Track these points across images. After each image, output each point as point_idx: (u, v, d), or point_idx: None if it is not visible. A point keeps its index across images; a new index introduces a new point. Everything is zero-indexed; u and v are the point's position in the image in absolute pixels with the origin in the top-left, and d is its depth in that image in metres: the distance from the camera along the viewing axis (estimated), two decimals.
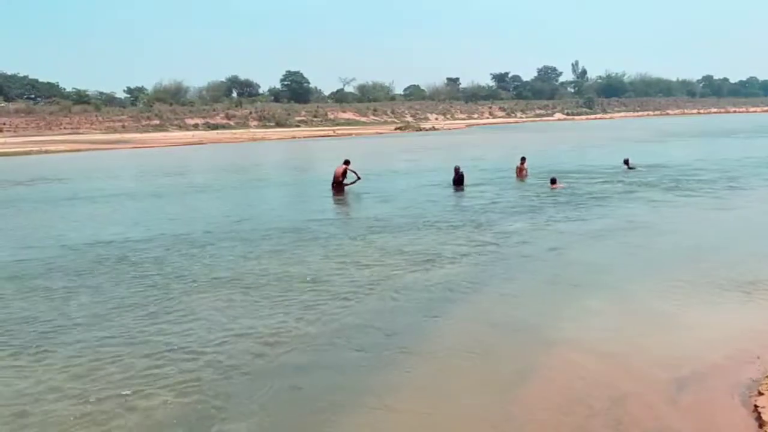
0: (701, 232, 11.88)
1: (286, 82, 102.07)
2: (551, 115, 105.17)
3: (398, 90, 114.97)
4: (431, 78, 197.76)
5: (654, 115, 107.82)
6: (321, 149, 43.34)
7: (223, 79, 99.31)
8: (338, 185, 17.61)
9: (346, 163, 18.11)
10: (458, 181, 18.20)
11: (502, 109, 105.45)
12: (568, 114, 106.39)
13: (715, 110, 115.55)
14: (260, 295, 8.27)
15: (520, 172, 19.63)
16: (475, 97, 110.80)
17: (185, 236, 12.24)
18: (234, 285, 8.74)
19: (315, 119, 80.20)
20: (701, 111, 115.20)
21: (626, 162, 21.08)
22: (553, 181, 17.51)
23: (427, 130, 69.57)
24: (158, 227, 13.34)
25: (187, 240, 11.89)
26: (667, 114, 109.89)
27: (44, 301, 8.22)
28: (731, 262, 9.33)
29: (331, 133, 63.17)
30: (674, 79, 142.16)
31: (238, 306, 7.81)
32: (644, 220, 13.17)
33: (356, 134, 62.23)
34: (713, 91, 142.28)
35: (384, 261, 9.98)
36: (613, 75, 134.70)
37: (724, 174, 20.54)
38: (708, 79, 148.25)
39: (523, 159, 19.96)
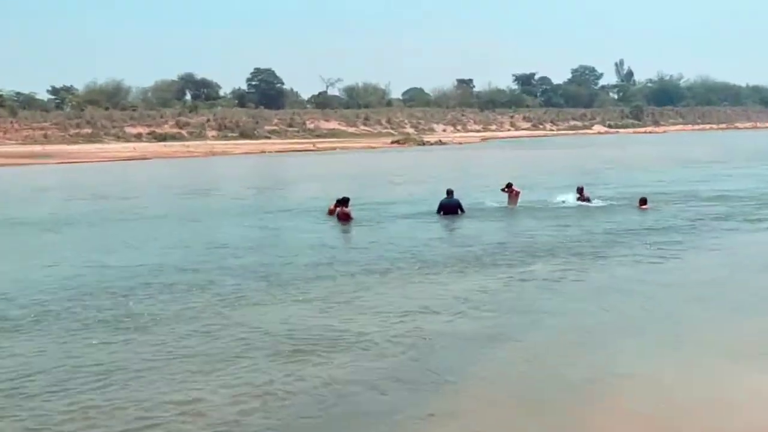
0: None
1: (253, 83, 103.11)
2: (589, 126, 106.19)
3: (396, 93, 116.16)
4: (438, 79, 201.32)
5: (718, 128, 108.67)
6: (298, 167, 43.30)
7: (175, 78, 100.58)
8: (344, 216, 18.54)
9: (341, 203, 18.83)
10: (450, 207, 18.94)
11: (527, 119, 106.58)
12: (610, 126, 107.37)
13: None
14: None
15: (511, 196, 20.39)
16: (493, 103, 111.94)
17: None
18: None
19: (290, 129, 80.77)
20: None
21: (580, 191, 20.99)
22: (643, 202, 19.80)
23: (432, 144, 69.88)
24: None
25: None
26: (735, 128, 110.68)
27: None
28: None
29: (310, 146, 63.62)
30: (744, 84, 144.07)
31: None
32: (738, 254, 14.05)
33: (342, 149, 62.59)
34: None
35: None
36: (667, 78, 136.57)
37: None
38: None
39: (509, 184, 20.78)
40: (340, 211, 18.48)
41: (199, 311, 10.16)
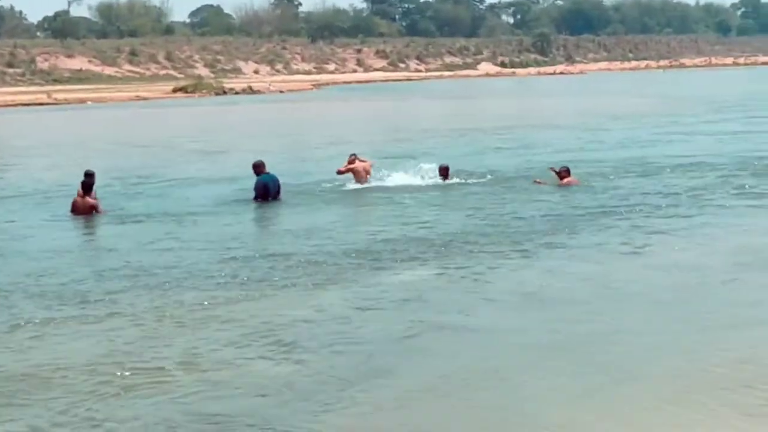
0: None
1: None
2: (473, 65, 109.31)
3: (180, 15, 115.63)
4: None
5: (658, 66, 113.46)
6: (23, 131, 42.53)
7: None
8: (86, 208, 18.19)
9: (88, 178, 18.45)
10: (275, 187, 19.45)
11: (381, 54, 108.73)
12: (503, 65, 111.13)
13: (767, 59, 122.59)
14: None
15: (359, 174, 21.37)
16: (330, 31, 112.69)
17: None
18: None
19: (11, 71, 79.82)
20: (740, 60, 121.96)
21: (443, 173, 22.08)
22: (564, 173, 20.21)
23: (237, 93, 69.86)
24: None
25: None
26: (682, 65, 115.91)
27: None
28: None
29: (44, 98, 62.39)
30: (692, 2, 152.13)
31: None
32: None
33: (96, 101, 62.08)
34: (761, 26, 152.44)
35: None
36: None
37: None
38: (752, 4, 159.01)
39: (353, 156, 21.81)
40: (81, 202, 17.99)
41: None
